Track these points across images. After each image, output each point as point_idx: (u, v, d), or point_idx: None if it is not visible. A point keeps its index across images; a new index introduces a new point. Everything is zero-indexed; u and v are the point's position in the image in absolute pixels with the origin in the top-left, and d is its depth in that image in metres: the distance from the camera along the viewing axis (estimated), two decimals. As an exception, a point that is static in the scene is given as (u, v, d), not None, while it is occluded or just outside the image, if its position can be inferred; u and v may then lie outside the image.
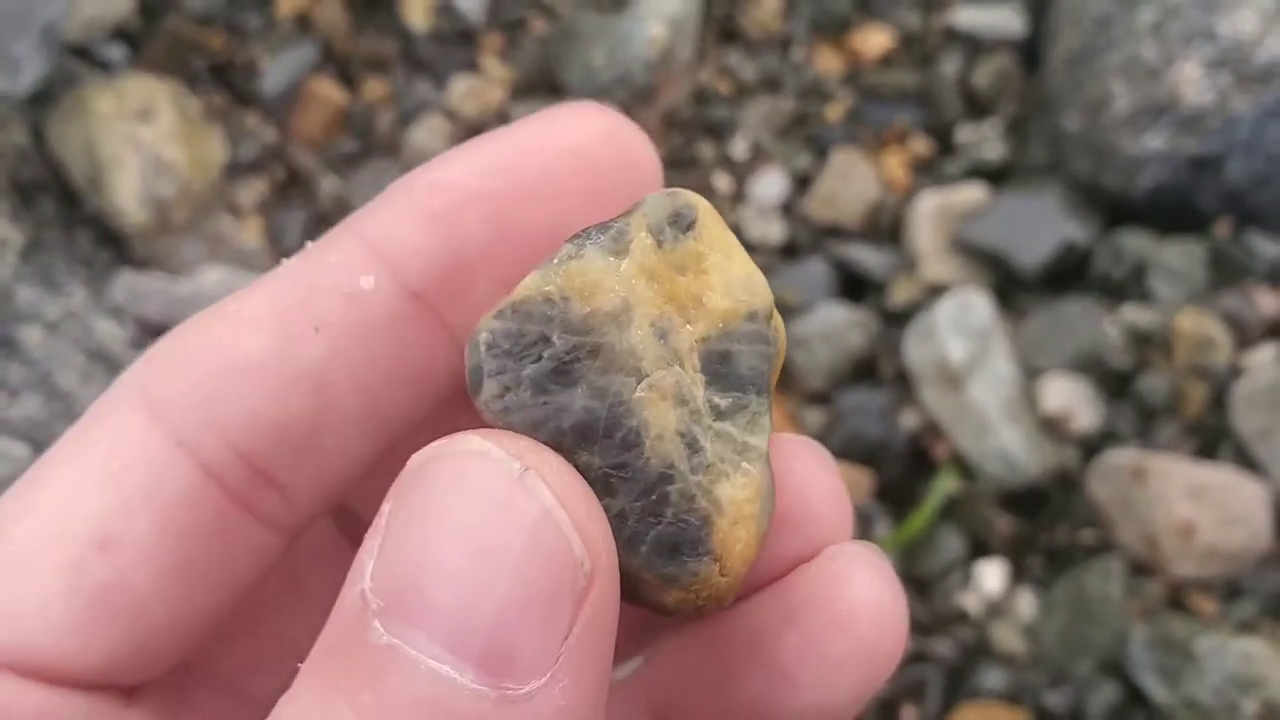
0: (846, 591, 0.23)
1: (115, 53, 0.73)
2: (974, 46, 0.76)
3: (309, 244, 0.24)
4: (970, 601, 0.67)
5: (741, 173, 0.75)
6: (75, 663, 0.22)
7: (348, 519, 0.27)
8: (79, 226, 0.72)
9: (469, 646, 0.19)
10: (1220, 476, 0.65)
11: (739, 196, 0.75)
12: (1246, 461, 0.65)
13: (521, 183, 0.24)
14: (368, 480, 0.25)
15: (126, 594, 0.23)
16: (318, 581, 0.26)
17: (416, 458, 0.20)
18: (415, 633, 0.19)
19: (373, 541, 0.20)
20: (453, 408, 0.25)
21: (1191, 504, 0.64)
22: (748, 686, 0.24)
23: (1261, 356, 0.66)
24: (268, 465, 0.23)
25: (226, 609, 0.24)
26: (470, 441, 0.20)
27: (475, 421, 0.24)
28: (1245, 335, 0.67)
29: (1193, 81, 0.68)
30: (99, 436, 0.23)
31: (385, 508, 0.20)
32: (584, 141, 0.24)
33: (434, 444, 0.20)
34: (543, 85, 0.74)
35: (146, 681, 0.24)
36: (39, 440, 0.68)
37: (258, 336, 0.23)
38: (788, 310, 0.71)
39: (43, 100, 0.70)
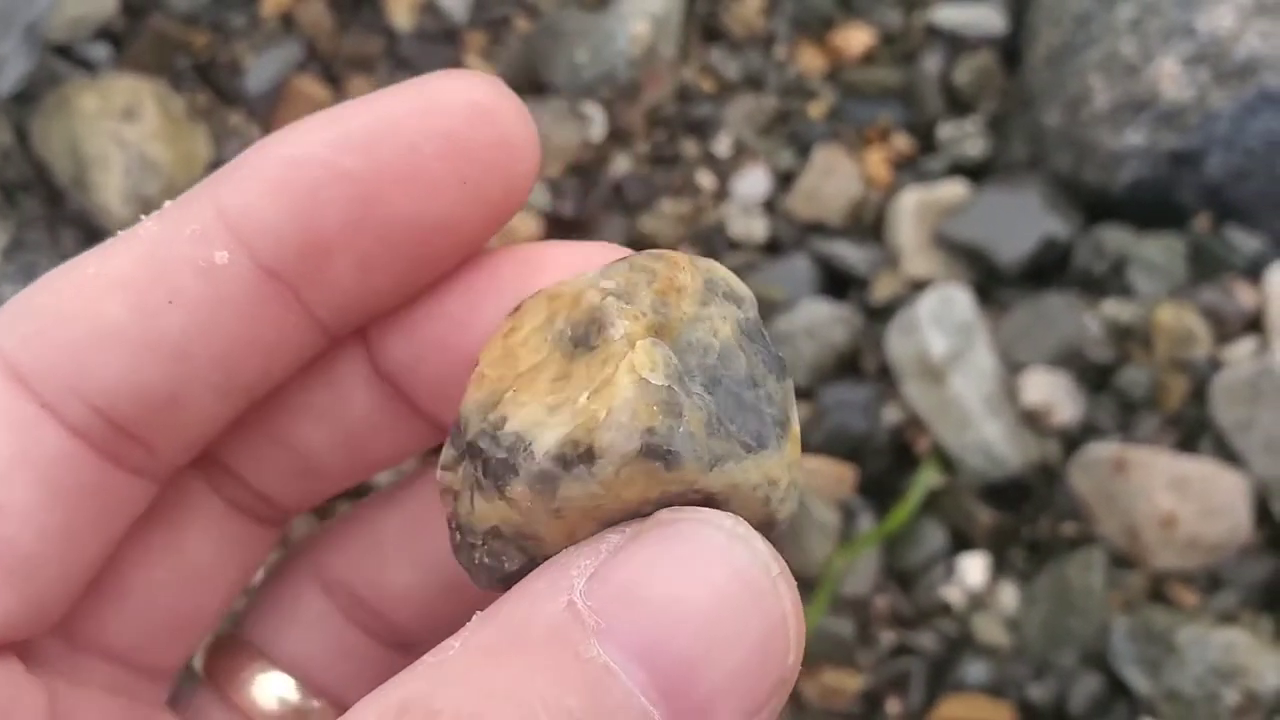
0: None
1: (99, 52, 0.74)
2: (955, 44, 0.76)
3: (167, 203, 0.25)
4: (953, 594, 0.68)
5: (724, 170, 0.75)
6: None
7: (214, 470, 0.28)
8: (63, 225, 0.72)
9: (678, 701, 0.20)
10: (1201, 468, 0.65)
11: (722, 193, 0.75)
12: (1226, 453, 0.66)
13: (385, 163, 0.23)
14: (231, 433, 0.26)
15: (13, 553, 0.23)
16: (188, 533, 0.27)
17: (681, 511, 0.21)
18: (634, 667, 0.19)
19: (587, 559, 0.20)
20: (308, 371, 0.26)
21: (1172, 496, 0.65)
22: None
23: (1241, 349, 0.67)
24: (131, 425, 0.24)
25: (105, 557, 0.25)
26: (743, 528, 0.21)
27: (306, 376, 0.26)
28: (1225, 329, 0.67)
29: (1172, 77, 0.68)
30: None
31: (614, 536, 0.21)
32: (454, 120, 0.24)
33: (707, 511, 0.21)
34: (527, 83, 0.75)
35: (34, 640, 0.25)
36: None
37: (115, 305, 0.23)
38: (771, 307, 0.71)
39: (26, 99, 0.70)
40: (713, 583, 0.20)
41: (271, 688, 0.29)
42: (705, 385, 0.22)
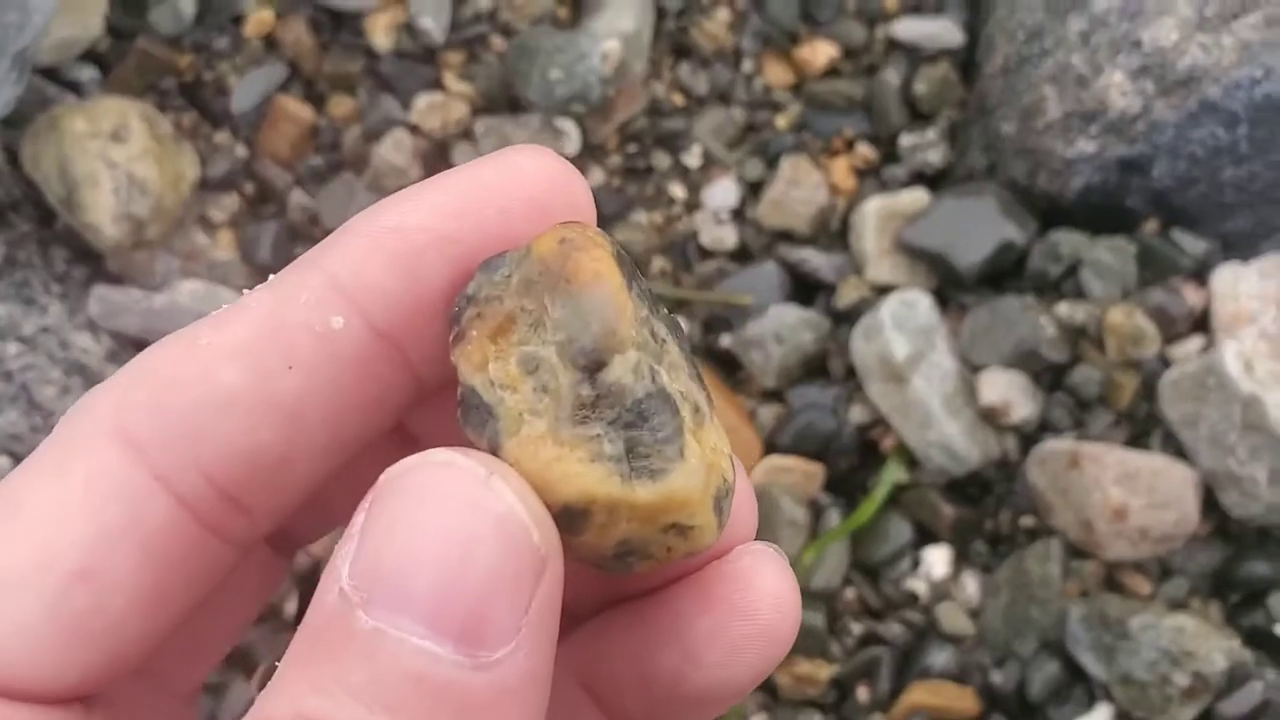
0: (751, 585, 0.26)
1: (86, 73, 0.76)
2: (915, 57, 0.79)
3: (272, 276, 0.26)
4: (918, 585, 0.71)
5: (695, 181, 0.78)
6: (52, 683, 0.24)
7: None
8: (54, 244, 0.74)
9: (448, 625, 0.22)
10: (1151, 462, 0.68)
11: (693, 204, 0.78)
12: (1175, 448, 0.69)
13: (481, 227, 0.26)
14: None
15: (103, 618, 0.24)
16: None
17: (392, 471, 0.23)
18: (398, 617, 0.22)
19: (346, 547, 0.23)
20: (403, 428, 0.28)
21: (1124, 489, 0.68)
22: (663, 662, 0.27)
23: (1188, 348, 0.70)
24: (240, 493, 0.25)
25: (188, 617, 0.26)
26: (440, 455, 0.23)
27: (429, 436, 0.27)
28: (1173, 328, 0.70)
29: (1120, 88, 0.71)
30: (76, 467, 0.24)
31: (359, 518, 0.23)
32: (537, 187, 0.26)
33: (407, 459, 0.23)
34: (503, 101, 0.77)
35: (108, 689, 0.26)
36: (19, 453, 0.71)
37: (233, 371, 0.25)
38: (741, 312, 0.74)
39: (15, 121, 0.72)
40: (430, 515, 0.22)
41: None
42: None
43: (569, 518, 0.24)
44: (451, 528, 0.22)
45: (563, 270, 0.24)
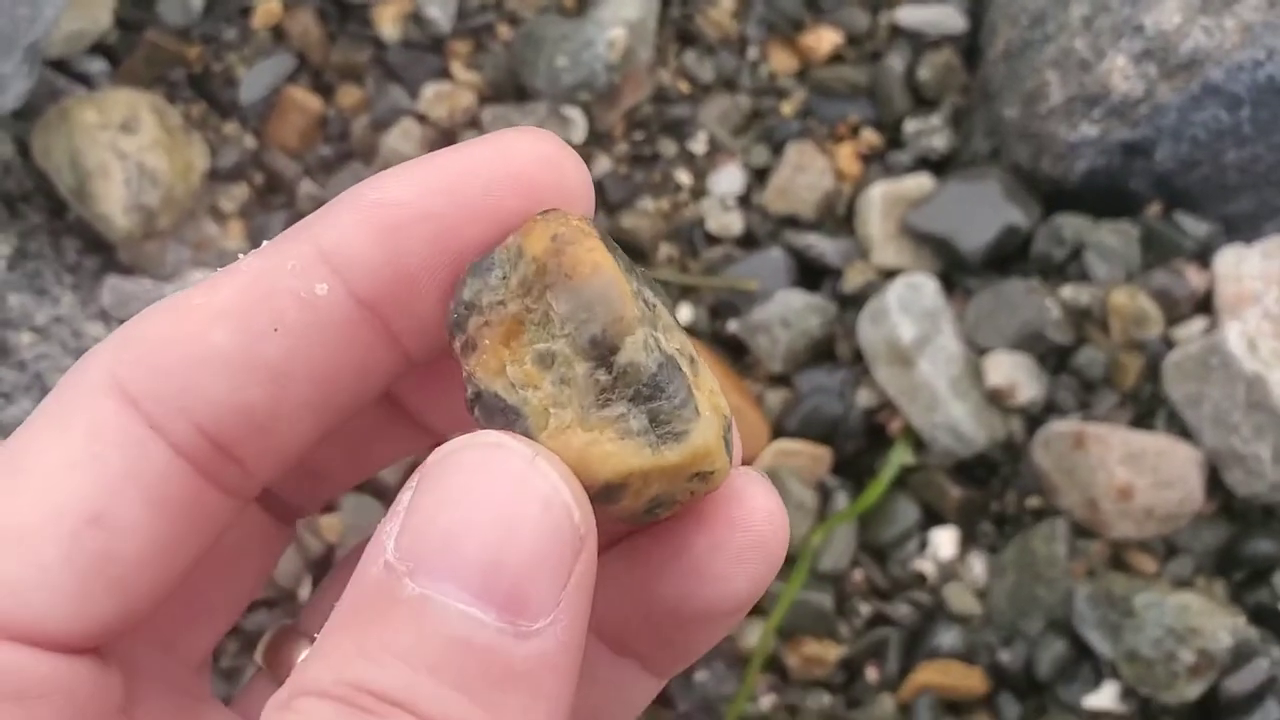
0: (745, 501, 0.28)
1: (95, 66, 0.76)
2: (919, 43, 0.80)
3: (265, 243, 0.27)
4: (926, 566, 0.71)
5: (701, 168, 0.79)
6: (71, 628, 0.25)
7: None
8: (65, 235, 0.74)
9: (492, 593, 0.23)
10: (1155, 442, 0.69)
11: (699, 190, 0.78)
12: (1179, 427, 0.70)
13: (464, 202, 0.26)
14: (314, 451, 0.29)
15: (116, 564, 0.25)
16: (228, 540, 0.30)
17: (441, 449, 0.24)
18: (445, 584, 0.23)
19: (392, 523, 0.24)
20: (392, 396, 0.29)
21: (1129, 469, 0.68)
22: (667, 585, 0.28)
23: (1191, 329, 0.71)
24: (231, 445, 0.26)
25: (192, 568, 0.27)
26: (490, 436, 0.25)
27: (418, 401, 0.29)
28: (1176, 310, 0.71)
29: (1122, 72, 0.72)
30: (77, 419, 0.25)
31: (405, 495, 0.24)
32: (524, 165, 0.26)
33: (456, 439, 0.25)
34: (510, 89, 0.78)
35: (119, 639, 0.27)
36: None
37: (223, 331, 0.26)
38: (748, 298, 0.75)
39: (27, 114, 0.72)
40: (479, 490, 0.23)
41: None
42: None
43: (607, 492, 0.25)
44: (500, 503, 0.23)
45: (560, 266, 0.25)
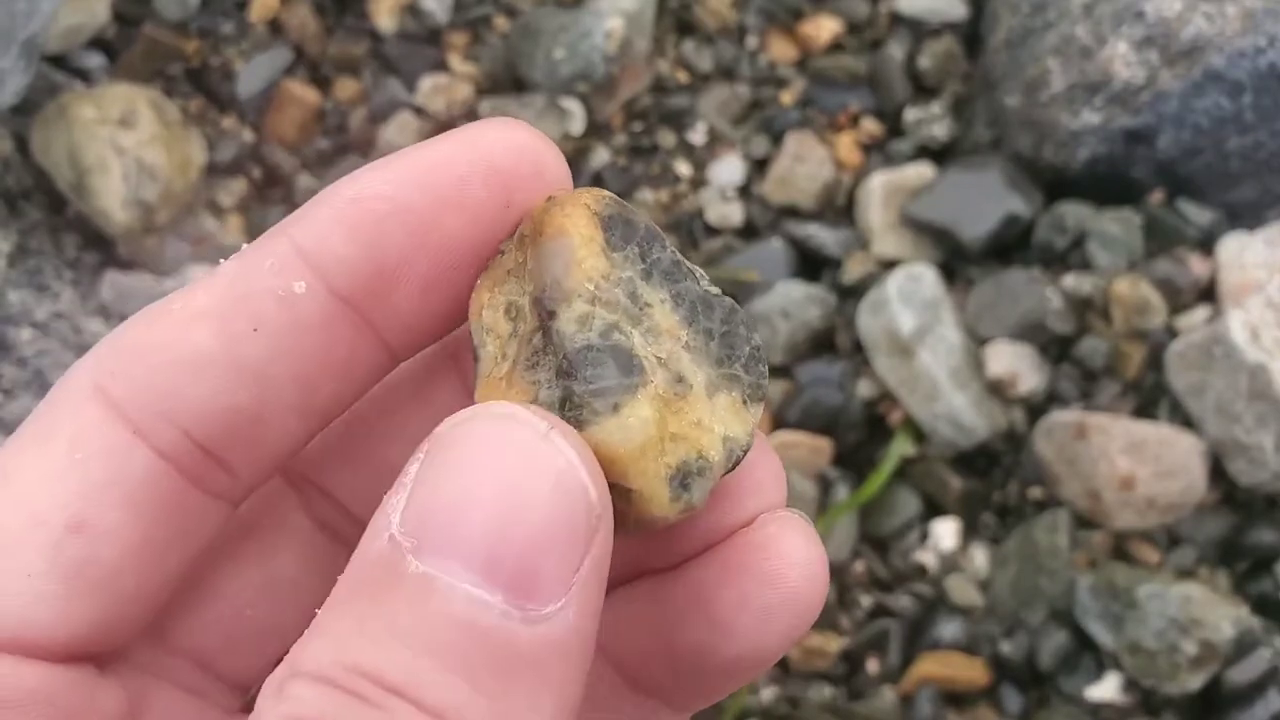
0: (777, 552, 0.26)
1: (93, 60, 0.76)
2: (919, 31, 0.79)
3: (244, 246, 0.27)
4: (927, 558, 0.71)
5: (701, 158, 0.78)
6: (56, 635, 0.25)
7: (308, 490, 0.30)
8: (65, 230, 0.74)
9: (499, 574, 0.22)
10: (1157, 432, 0.68)
11: (699, 181, 0.78)
12: (1181, 417, 0.69)
13: (439, 195, 0.26)
14: (328, 456, 0.29)
15: (99, 568, 0.25)
16: (278, 548, 0.29)
17: (449, 421, 0.23)
18: (449, 562, 0.22)
19: (397, 496, 0.23)
20: (380, 391, 0.29)
21: (1131, 459, 0.68)
22: (690, 634, 0.27)
23: (1194, 318, 0.70)
24: (216, 447, 0.26)
25: (183, 574, 0.27)
26: (501, 407, 0.23)
27: (402, 402, 0.28)
28: (1179, 298, 0.71)
29: (1124, 59, 0.71)
30: (60, 428, 0.25)
31: (411, 467, 0.23)
32: (498, 155, 0.26)
33: (465, 410, 0.23)
34: (508, 81, 0.77)
35: (115, 649, 0.27)
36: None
37: (203, 334, 0.25)
38: (748, 289, 0.75)
39: (25, 109, 0.72)
40: (487, 464, 0.22)
41: None
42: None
43: None
44: (509, 478, 0.22)
45: (540, 225, 0.25)
